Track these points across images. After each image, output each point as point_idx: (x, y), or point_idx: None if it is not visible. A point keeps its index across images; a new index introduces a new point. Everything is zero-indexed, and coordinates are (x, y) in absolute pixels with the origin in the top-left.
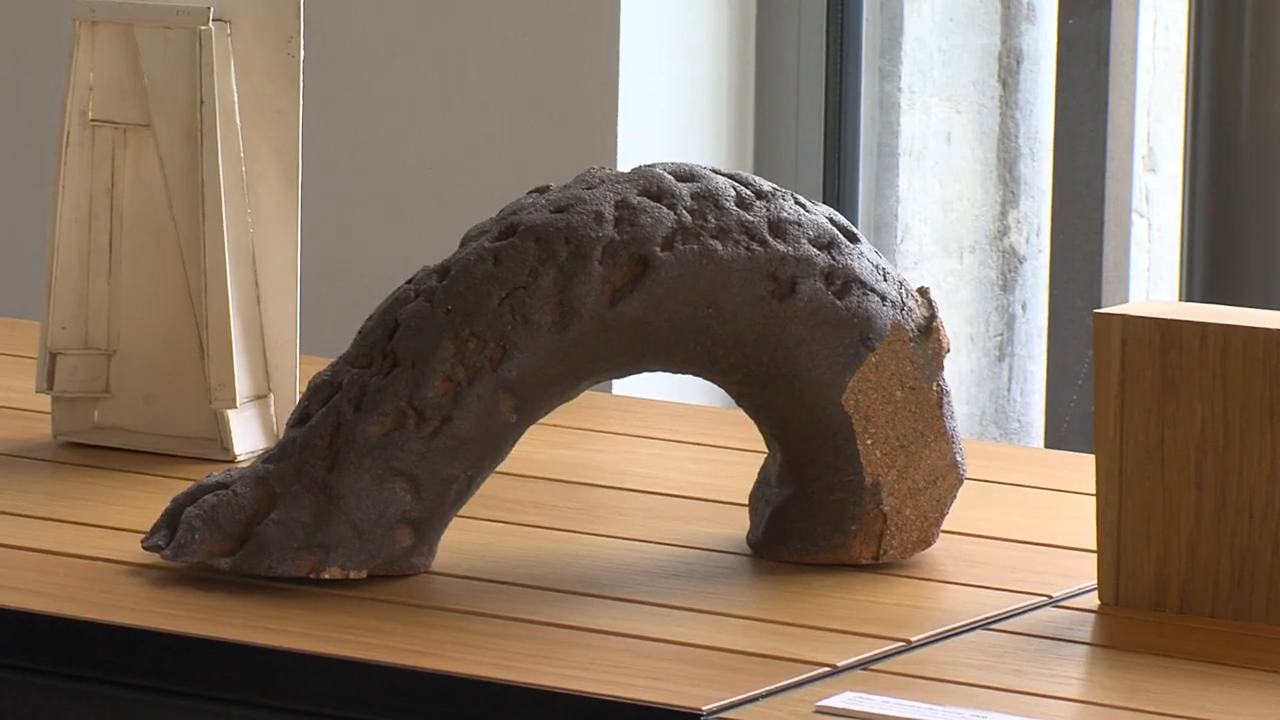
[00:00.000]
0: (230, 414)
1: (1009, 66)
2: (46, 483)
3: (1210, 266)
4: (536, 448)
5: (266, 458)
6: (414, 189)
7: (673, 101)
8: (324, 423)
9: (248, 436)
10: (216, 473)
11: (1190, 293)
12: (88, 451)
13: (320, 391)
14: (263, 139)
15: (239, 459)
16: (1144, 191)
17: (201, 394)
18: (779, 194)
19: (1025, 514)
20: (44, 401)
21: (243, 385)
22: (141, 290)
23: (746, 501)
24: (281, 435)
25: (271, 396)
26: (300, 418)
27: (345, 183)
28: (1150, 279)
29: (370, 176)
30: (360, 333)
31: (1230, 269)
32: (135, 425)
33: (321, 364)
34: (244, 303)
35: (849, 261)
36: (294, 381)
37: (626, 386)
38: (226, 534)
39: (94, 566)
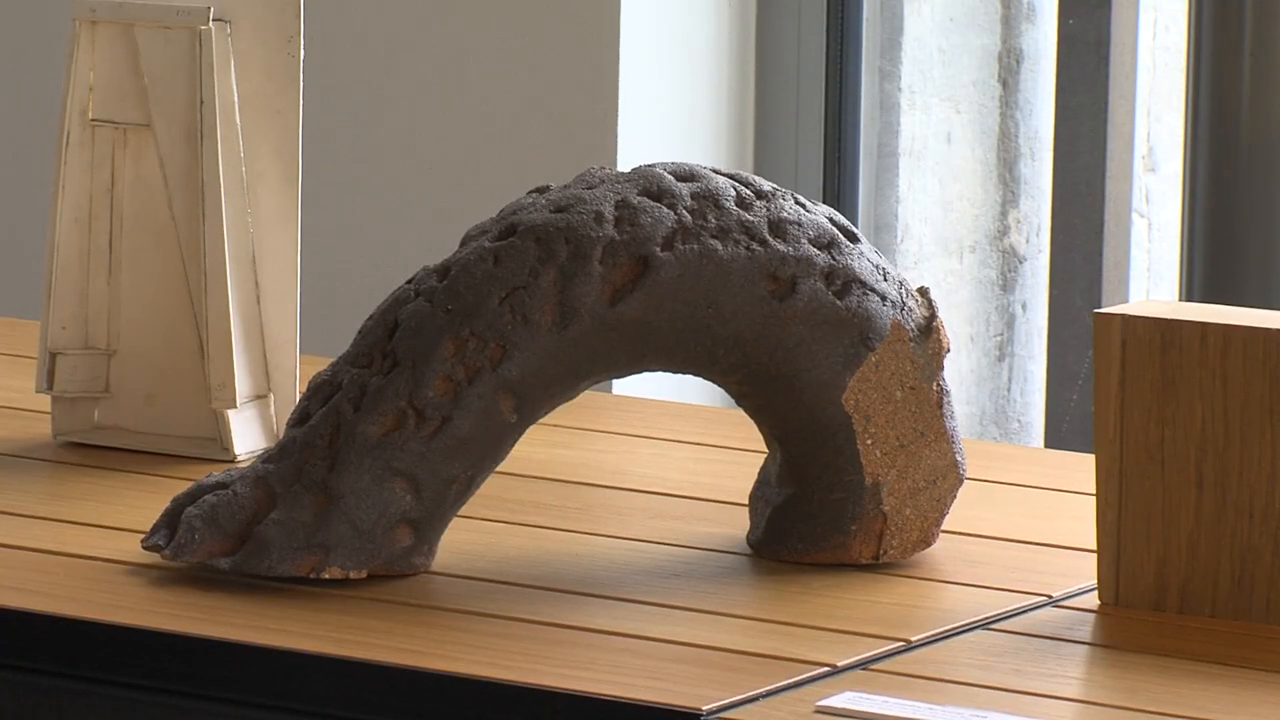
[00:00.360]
0: (230, 414)
1: (1009, 66)
2: (46, 483)
3: (1210, 266)
4: (536, 448)
5: (266, 458)
6: (414, 189)
7: (673, 102)
8: (324, 423)
9: (248, 436)
10: (216, 473)
11: (1190, 293)
12: (88, 451)
13: (320, 391)
14: (263, 139)
15: (239, 459)
16: (1144, 191)
17: (201, 394)
18: (779, 194)
19: (1025, 514)
20: (44, 401)
21: (243, 385)
22: (141, 290)
23: (746, 501)
24: (281, 435)
25: (271, 396)
26: (300, 418)
27: (345, 183)
28: (1150, 279)
29: (370, 177)
30: (360, 333)
31: (1230, 269)
32: (135, 425)
33: (321, 364)
34: (244, 303)
35: (849, 261)
36: (294, 381)
37: (626, 386)
38: (226, 534)
39: (94, 566)
